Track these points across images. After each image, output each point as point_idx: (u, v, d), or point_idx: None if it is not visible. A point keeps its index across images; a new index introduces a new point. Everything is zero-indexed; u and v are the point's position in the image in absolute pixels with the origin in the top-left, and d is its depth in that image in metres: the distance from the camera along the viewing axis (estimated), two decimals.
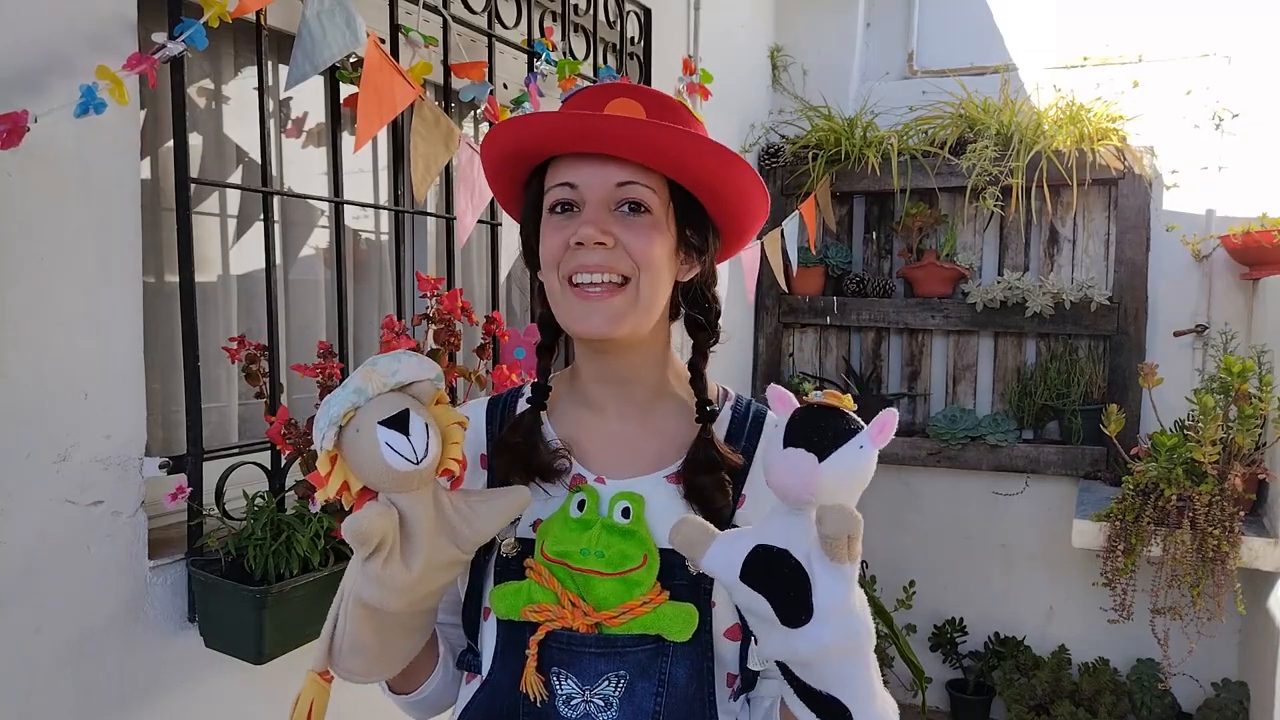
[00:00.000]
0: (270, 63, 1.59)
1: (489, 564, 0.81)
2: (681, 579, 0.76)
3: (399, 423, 0.70)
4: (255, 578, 1.23)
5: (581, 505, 0.79)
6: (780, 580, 0.63)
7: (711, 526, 0.69)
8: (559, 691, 0.75)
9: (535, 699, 0.75)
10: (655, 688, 0.75)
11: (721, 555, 0.66)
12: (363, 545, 0.70)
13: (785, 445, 0.63)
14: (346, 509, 0.73)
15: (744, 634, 0.79)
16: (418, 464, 0.70)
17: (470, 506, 0.75)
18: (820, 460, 0.62)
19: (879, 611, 2.76)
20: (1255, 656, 2.60)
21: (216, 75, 1.56)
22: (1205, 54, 2.87)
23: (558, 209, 0.79)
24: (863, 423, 0.64)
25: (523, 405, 0.86)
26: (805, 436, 0.63)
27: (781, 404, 0.67)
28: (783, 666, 0.67)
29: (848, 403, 0.66)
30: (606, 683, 0.75)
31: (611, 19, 2.25)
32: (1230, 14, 2.86)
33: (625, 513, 0.78)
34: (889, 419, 0.63)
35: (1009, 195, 2.83)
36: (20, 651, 1.11)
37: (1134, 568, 2.33)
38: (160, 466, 1.27)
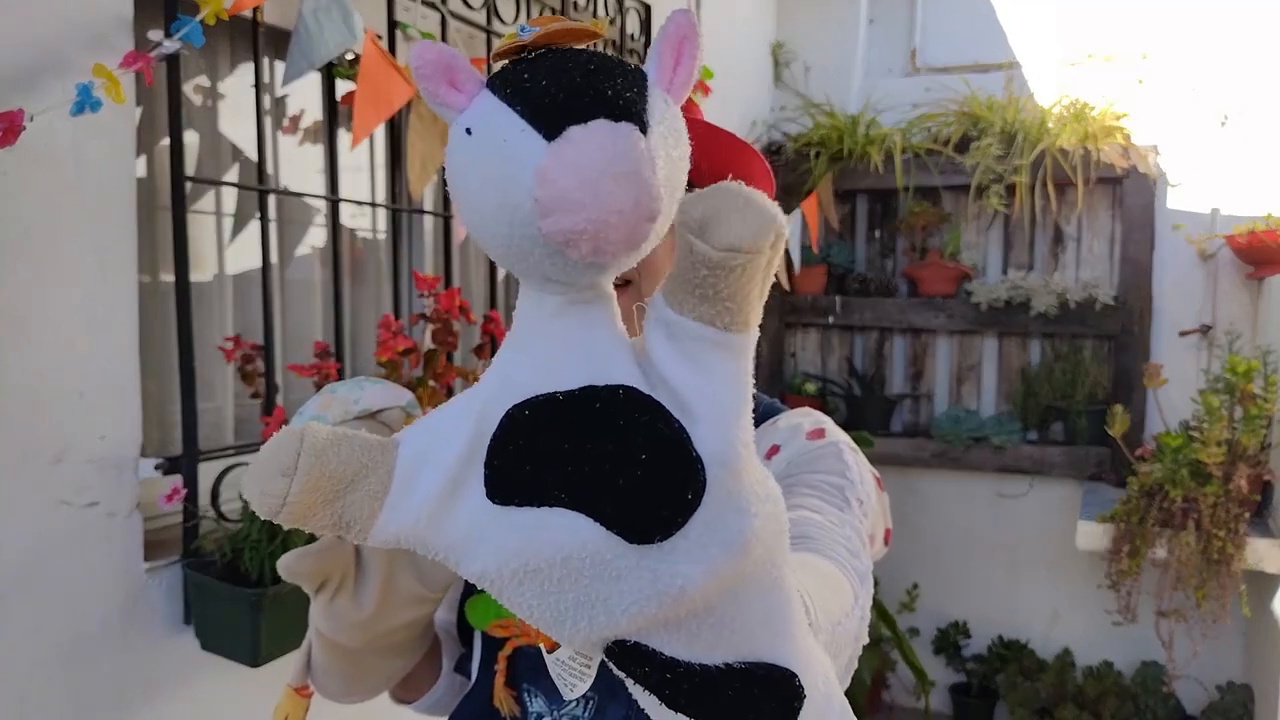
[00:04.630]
0: (267, 60, 1.58)
1: None
2: None
3: None
4: (251, 580, 1.22)
5: None
6: (604, 450, 0.31)
7: (368, 436, 0.36)
8: (530, 709, 0.74)
9: (506, 715, 0.74)
10: (625, 711, 0.71)
11: (425, 481, 0.34)
12: (300, 584, 0.65)
13: (552, 130, 0.31)
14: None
15: None
16: None
17: None
18: (644, 130, 0.32)
19: (882, 614, 2.75)
20: (1260, 659, 2.58)
21: (213, 72, 1.55)
22: (1210, 52, 2.85)
23: None
24: (626, 62, 0.35)
25: None
26: (585, 97, 0.31)
27: (450, 80, 0.33)
28: (633, 654, 0.34)
29: (586, 26, 0.35)
30: (574, 703, 0.72)
31: (611, 15, 2.24)
32: (1235, 11, 2.84)
33: None
34: (684, 28, 0.37)
35: (1013, 194, 2.81)
36: (15, 654, 1.10)
37: (1138, 570, 2.31)
38: (156, 467, 1.26)
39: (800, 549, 0.53)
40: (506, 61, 0.34)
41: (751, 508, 0.32)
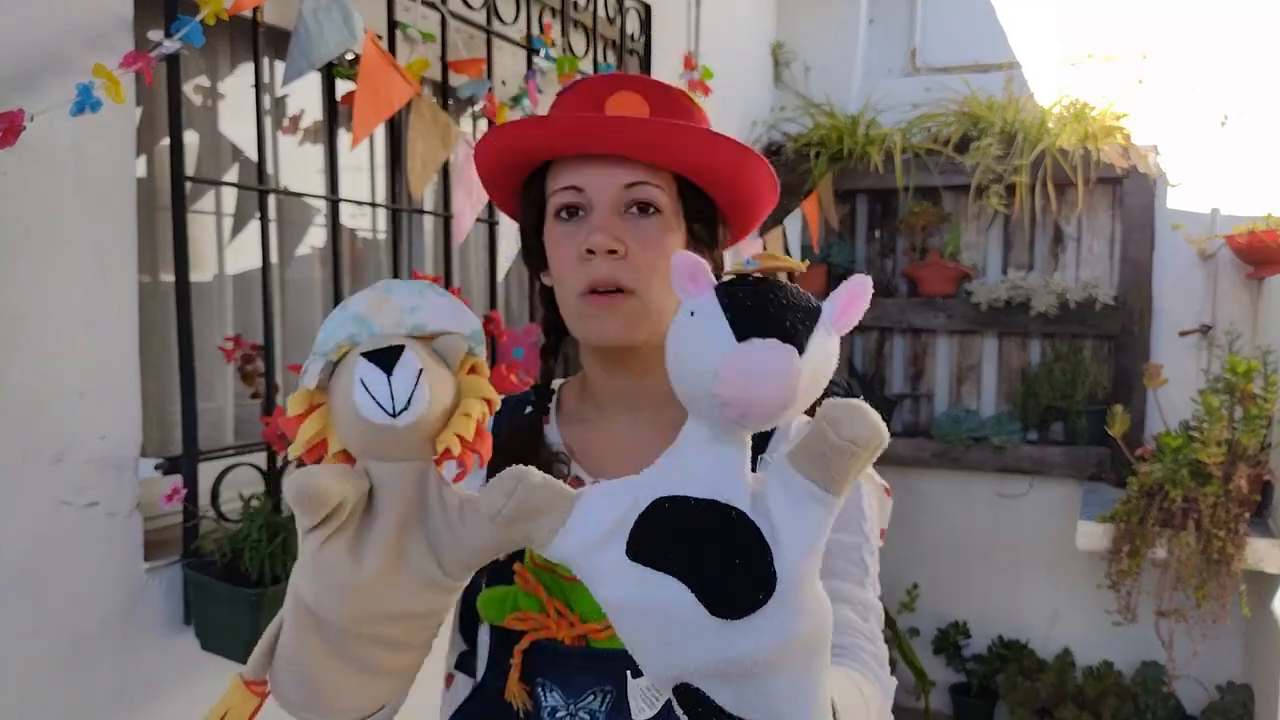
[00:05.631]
0: (267, 60, 1.58)
1: None
2: None
3: (385, 358, 0.53)
4: (251, 580, 1.22)
5: None
6: (707, 546, 0.44)
7: (566, 489, 0.49)
8: (545, 704, 0.73)
9: (519, 710, 0.73)
10: None
11: (587, 529, 0.47)
12: (304, 509, 0.52)
13: (742, 335, 0.43)
14: None
15: None
16: (394, 416, 0.53)
17: (463, 517, 0.57)
18: (801, 353, 0.43)
19: None
20: (1260, 659, 2.58)
21: (213, 72, 1.55)
22: (1210, 52, 2.85)
23: (564, 214, 0.76)
24: (813, 298, 0.46)
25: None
26: (770, 321, 0.43)
27: (693, 279, 0.46)
28: (692, 695, 0.46)
29: (792, 264, 0.47)
30: (592, 697, 0.72)
31: (611, 15, 2.24)
32: (1235, 11, 2.84)
33: None
34: (860, 289, 0.45)
35: (1013, 194, 2.81)
36: (15, 653, 1.10)
37: (1138, 570, 2.31)
38: (156, 467, 1.26)
39: (835, 661, 0.60)
40: (733, 276, 0.48)
41: (802, 617, 0.44)
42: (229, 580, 1.22)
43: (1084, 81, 2.93)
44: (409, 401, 0.53)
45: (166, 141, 1.29)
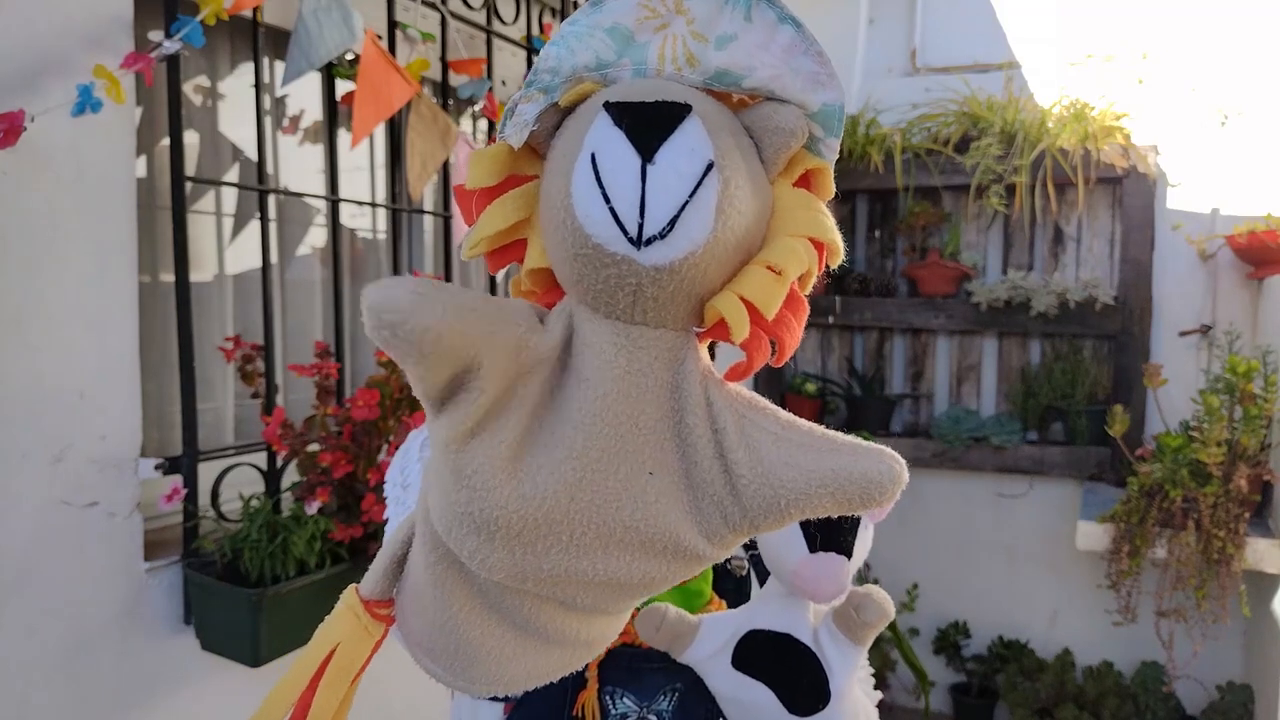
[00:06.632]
0: (267, 60, 1.58)
1: None
2: (728, 584, 0.75)
3: (648, 125, 0.30)
4: (251, 580, 1.22)
5: None
6: (785, 666, 0.65)
7: (691, 616, 0.69)
8: (614, 711, 0.73)
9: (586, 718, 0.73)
10: (709, 699, 0.73)
11: (707, 644, 0.68)
12: (391, 345, 0.31)
13: (813, 549, 0.66)
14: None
15: None
16: (637, 244, 0.30)
17: (747, 442, 0.34)
18: (849, 559, 0.65)
19: None
20: (1260, 659, 2.58)
21: (213, 73, 1.55)
22: (1210, 52, 2.84)
23: None
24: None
25: None
26: (829, 537, 0.66)
27: None
28: None
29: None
30: (662, 697, 0.73)
31: None
32: (1235, 11, 2.84)
33: None
34: (885, 511, 0.65)
35: (1013, 194, 2.81)
36: (15, 653, 1.10)
37: (1138, 570, 2.31)
38: (156, 468, 1.26)
39: None
40: None
41: (845, 718, 0.64)
42: (229, 580, 1.22)
43: (1084, 81, 2.92)
44: (673, 222, 0.30)
45: (166, 141, 1.29)
